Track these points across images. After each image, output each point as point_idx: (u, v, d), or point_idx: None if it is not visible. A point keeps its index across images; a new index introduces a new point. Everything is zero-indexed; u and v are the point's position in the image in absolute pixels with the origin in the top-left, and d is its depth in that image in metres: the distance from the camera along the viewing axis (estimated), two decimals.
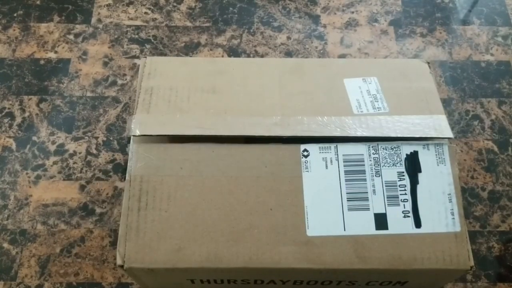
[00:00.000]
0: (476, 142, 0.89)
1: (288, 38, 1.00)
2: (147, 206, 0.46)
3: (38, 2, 1.04)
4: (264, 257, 0.46)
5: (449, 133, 0.50)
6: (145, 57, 0.55)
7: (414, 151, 0.48)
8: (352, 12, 1.05)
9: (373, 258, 0.46)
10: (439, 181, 0.48)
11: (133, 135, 0.47)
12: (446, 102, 0.93)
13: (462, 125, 0.91)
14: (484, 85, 0.96)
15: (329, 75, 0.54)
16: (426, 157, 0.48)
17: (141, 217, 0.46)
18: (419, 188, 0.47)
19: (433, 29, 1.03)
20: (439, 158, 0.48)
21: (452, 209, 0.47)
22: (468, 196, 0.83)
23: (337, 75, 0.54)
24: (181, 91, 0.51)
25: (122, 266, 0.46)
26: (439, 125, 0.50)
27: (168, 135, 0.48)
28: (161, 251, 0.45)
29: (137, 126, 0.47)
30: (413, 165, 0.48)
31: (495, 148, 0.88)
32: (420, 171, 0.48)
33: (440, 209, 0.47)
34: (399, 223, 0.46)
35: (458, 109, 0.92)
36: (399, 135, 0.48)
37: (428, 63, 0.58)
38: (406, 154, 0.48)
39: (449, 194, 0.47)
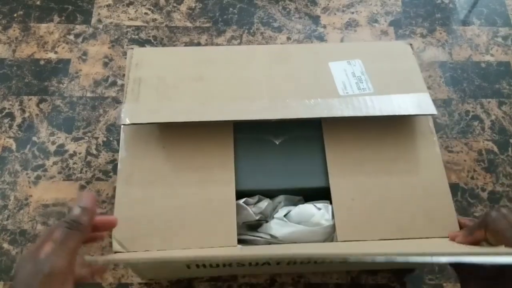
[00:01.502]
0: (476, 143, 0.89)
1: (288, 38, 1.00)
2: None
3: (38, 3, 1.04)
4: None
5: (432, 110, 0.50)
6: (132, 48, 0.55)
7: None
8: (352, 13, 1.05)
9: None
10: None
11: (123, 124, 0.47)
12: (446, 103, 0.93)
13: (462, 125, 0.91)
14: (484, 85, 0.96)
15: (314, 59, 0.54)
16: None
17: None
18: None
19: (433, 30, 1.03)
20: None
21: None
22: (468, 197, 0.83)
23: (323, 59, 0.54)
24: (169, 80, 0.51)
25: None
26: (423, 102, 0.50)
27: (157, 123, 0.49)
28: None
29: (126, 115, 0.47)
30: None
31: (495, 149, 0.88)
32: None
33: None
34: None
35: (458, 109, 0.92)
36: (384, 114, 0.48)
37: (411, 44, 0.58)
38: None
39: None
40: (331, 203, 0.48)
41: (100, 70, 0.95)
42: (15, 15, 1.02)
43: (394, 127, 0.51)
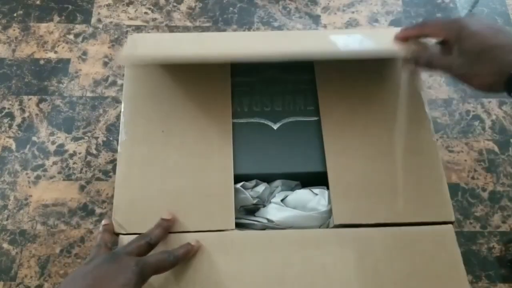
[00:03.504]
0: (477, 143, 0.88)
1: None
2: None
3: (38, 2, 1.04)
4: None
5: None
6: (132, 34, 0.57)
7: None
8: (353, 12, 1.04)
9: None
10: None
11: (121, 62, 0.50)
12: (446, 103, 0.93)
13: (462, 125, 0.91)
14: None
15: (313, 36, 0.56)
16: None
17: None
18: None
19: None
20: None
21: None
22: (468, 197, 0.83)
23: (322, 36, 0.55)
24: (168, 42, 0.53)
25: None
26: None
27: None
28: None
29: (123, 53, 0.49)
30: None
31: (496, 149, 0.88)
32: None
33: None
34: None
35: (458, 109, 0.92)
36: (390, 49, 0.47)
37: None
38: None
39: None
40: (328, 188, 0.48)
41: (100, 70, 0.95)
42: (15, 14, 1.02)
43: (394, 113, 0.51)
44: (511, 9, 1.05)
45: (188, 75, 0.52)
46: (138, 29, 1.01)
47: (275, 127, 0.51)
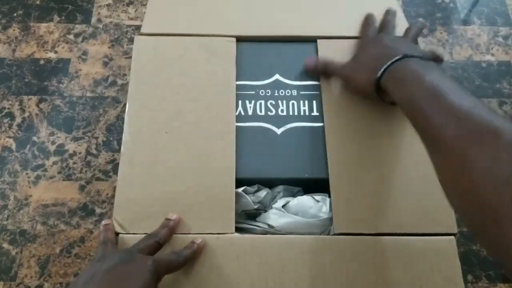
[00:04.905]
0: None
1: None
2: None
3: (38, 2, 1.04)
4: None
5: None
6: (132, 34, 0.57)
7: None
8: None
9: None
10: None
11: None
12: None
13: None
14: (485, 85, 0.95)
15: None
16: None
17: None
18: None
19: (433, 29, 1.02)
20: None
21: None
22: None
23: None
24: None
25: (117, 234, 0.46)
26: None
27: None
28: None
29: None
30: None
31: None
32: None
33: None
34: None
35: None
36: None
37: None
38: None
39: None
40: (329, 196, 0.48)
41: (100, 70, 0.95)
42: (15, 14, 1.02)
43: (398, 122, 0.51)
44: (511, 9, 1.05)
45: (192, 77, 0.52)
46: (138, 29, 1.01)
47: (278, 132, 0.51)
